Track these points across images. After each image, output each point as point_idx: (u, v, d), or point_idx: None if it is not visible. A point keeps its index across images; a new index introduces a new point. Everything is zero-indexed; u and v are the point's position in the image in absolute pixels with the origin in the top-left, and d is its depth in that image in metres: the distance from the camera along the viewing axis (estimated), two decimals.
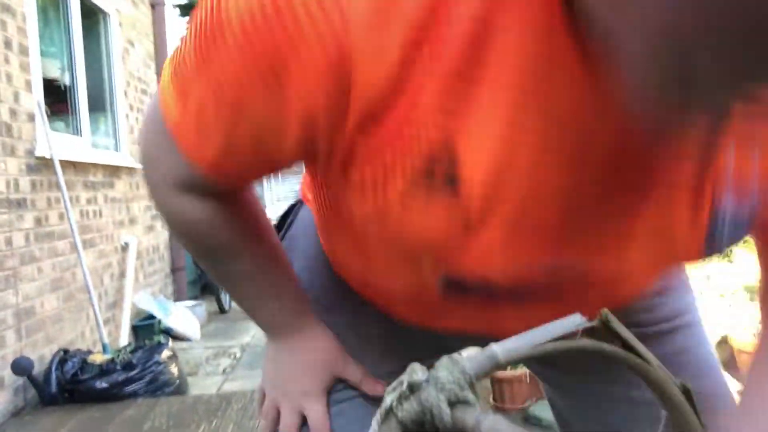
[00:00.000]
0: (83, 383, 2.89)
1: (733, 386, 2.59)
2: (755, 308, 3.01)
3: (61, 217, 3.33)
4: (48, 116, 3.19)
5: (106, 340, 3.39)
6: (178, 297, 5.42)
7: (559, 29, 0.41)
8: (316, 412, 0.73)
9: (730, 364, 3.08)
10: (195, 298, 5.94)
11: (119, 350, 3.16)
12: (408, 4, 0.40)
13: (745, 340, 2.90)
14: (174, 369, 3.12)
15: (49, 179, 3.23)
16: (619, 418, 0.77)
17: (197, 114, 0.51)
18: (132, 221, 4.47)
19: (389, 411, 0.57)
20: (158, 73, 5.36)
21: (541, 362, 0.86)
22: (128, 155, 4.51)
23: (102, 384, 2.90)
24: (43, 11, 3.46)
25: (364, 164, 0.47)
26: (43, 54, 3.33)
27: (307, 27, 0.41)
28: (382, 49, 0.41)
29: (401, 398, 0.58)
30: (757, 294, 0.64)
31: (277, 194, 7.00)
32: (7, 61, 2.91)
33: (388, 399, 0.59)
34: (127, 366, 2.97)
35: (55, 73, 3.66)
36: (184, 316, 4.53)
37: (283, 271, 0.73)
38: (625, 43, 0.36)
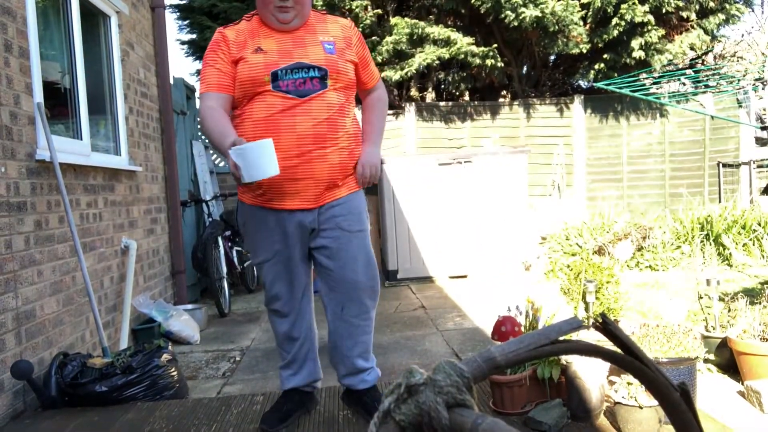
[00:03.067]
0: (83, 387, 2.89)
1: (734, 387, 2.59)
2: (755, 311, 3.01)
3: (61, 220, 3.33)
4: (48, 119, 3.19)
5: (106, 344, 3.38)
6: (178, 300, 5.42)
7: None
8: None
9: (731, 366, 3.07)
10: (195, 301, 5.94)
11: (119, 354, 3.16)
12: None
13: (745, 343, 2.90)
14: (174, 372, 3.12)
15: (49, 182, 3.23)
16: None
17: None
18: (132, 224, 4.47)
19: (387, 413, 0.57)
20: (158, 75, 5.36)
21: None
22: (128, 158, 4.51)
23: (102, 387, 2.89)
24: (43, 14, 3.47)
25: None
26: (43, 57, 3.33)
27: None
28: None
29: (399, 401, 0.58)
30: None
31: None
32: (7, 64, 2.92)
33: (387, 401, 0.59)
34: (127, 370, 2.97)
35: (55, 76, 3.66)
36: (183, 320, 4.53)
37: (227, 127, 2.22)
38: None
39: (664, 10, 8.37)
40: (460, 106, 9.11)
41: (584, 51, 8.55)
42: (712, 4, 8.67)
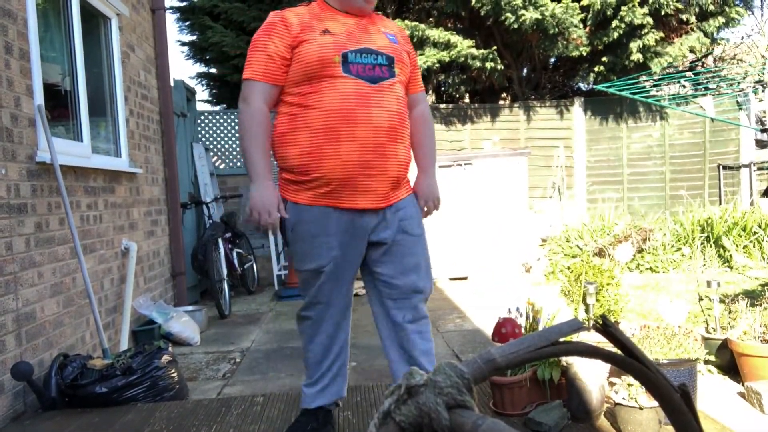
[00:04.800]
0: (83, 388, 2.89)
1: (735, 388, 2.59)
2: (755, 313, 3.01)
3: (61, 222, 3.33)
4: (48, 121, 3.20)
5: (106, 345, 3.38)
6: (178, 302, 5.42)
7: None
8: (274, 216, 2.11)
9: (731, 368, 3.07)
10: (195, 303, 5.93)
11: (119, 355, 3.16)
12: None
13: (746, 344, 2.90)
14: (174, 374, 3.12)
15: (49, 184, 3.24)
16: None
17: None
18: (132, 226, 4.47)
19: (387, 414, 0.57)
20: (158, 78, 5.36)
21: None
22: (128, 160, 4.52)
23: (102, 389, 2.89)
24: (43, 16, 3.47)
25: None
26: (43, 59, 3.33)
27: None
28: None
29: (399, 402, 0.58)
30: None
31: None
32: (7, 66, 2.92)
33: (387, 402, 0.59)
34: (127, 371, 2.97)
35: (55, 77, 3.66)
36: (184, 321, 4.53)
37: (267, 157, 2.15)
38: None
39: (663, 13, 8.37)
40: (461, 109, 9.11)
41: (584, 53, 8.56)
42: (711, 6, 8.68)
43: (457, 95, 9.70)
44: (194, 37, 9.98)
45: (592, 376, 2.33)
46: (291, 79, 2.10)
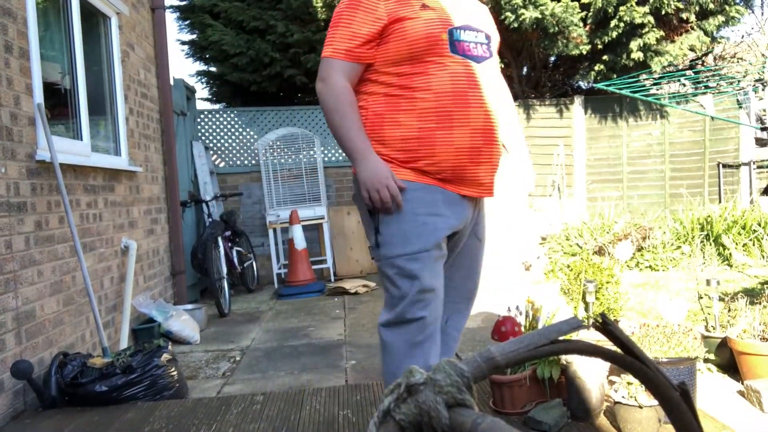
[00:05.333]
0: (83, 387, 2.89)
1: (734, 387, 2.60)
2: (755, 311, 3.01)
3: (61, 220, 3.33)
4: (48, 120, 3.20)
5: (106, 344, 3.38)
6: (178, 300, 5.42)
7: None
8: (393, 187, 1.81)
9: (731, 366, 3.07)
10: (195, 301, 5.94)
11: (119, 354, 3.16)
12: None
13: (745, 342, 2.90)
14: (173, 372, 3.12)
15: (49, 183, 3.24)
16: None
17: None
18: (132, 225, 4.47)
19: (387, 413, 0.57)
20: (158, 76, 5.36)
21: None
22: (128, 159, 4.51)
23: (102, 387, 2.90)
24: (43, 15, 3.47)
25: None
26: (43, 57, 3.33)
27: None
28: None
29: (399, 400, 0.58)
30: None
31: (276, 197, 7.02)
32: (7, 64, 2.92)
33: (386, 401, 0.59)
34: (127, 369, 2.97)
35: (55, 76, 3.66)
36: (183, 320, 4.53)
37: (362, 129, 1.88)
38: None
39: (663, 12, 8.36)
40: None
41: (584, 52, 8.55)
42: (711, 5, 8.66)
43: None
44: (194, 36, 9.96)
45: (592, 375, 2.33)
46: (388, 59, 1.88)
